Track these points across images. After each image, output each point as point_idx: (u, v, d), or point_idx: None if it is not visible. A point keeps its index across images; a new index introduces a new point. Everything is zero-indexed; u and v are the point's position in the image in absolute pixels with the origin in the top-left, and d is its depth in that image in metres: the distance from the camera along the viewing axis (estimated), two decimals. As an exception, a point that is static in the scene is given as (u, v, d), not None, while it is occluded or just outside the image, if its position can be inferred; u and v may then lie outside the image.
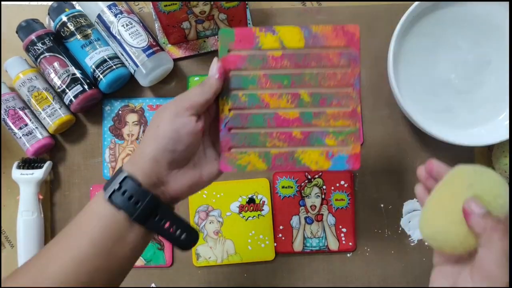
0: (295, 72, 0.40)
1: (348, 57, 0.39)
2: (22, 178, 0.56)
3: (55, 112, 0.56)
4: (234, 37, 0.39)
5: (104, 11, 0.55)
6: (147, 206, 0.36)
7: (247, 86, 0.40)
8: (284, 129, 0.40)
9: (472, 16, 0.56)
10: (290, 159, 0.40)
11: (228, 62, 0.40)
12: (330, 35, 0.39)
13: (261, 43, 0.39)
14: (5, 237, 0.59)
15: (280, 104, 0.40)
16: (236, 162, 0.40)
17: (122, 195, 0.36)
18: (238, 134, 0.40)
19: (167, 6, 0.51)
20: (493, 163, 0.60)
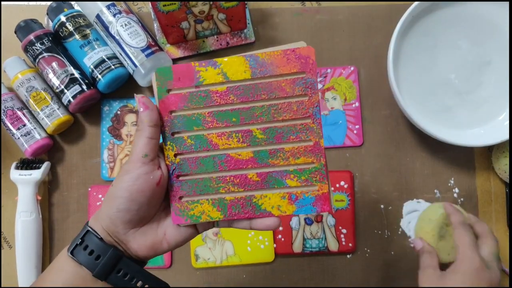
0: (244, 107, 0.35)
1: (303, 84, 0.35)
2: (20, 179, 0.56)
3: (54, 112, 0.56)
4: (172, 75, 0.35)
5: (103, 11, 0.55)
6: (108, 261, 0.34)
7: (192, 127, 0.35)
8: (237, 171, 0.36)
9: (472, 16, 0.56)
10: (248, 205, 0.36)
11: (168, 103, 0.35)
12: (280, 62, 0.35)
13: (203, 78, 0.35)
14: (3, 238, 0.58)
15: (230, 144, 0.35)
16: (188, 213, 0.36)
17: (84, 250, 0.34)
18: (187, 182, 0.36)
19: (166, 6, 0.51)
20: (493, 163, 0.59)
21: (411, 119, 0.54)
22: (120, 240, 0.35)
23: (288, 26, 0.61)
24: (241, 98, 0.35)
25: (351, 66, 0.61)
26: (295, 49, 0.35)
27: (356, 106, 0.60)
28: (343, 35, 0.61)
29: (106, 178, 0.59)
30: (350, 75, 0.61)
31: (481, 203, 0.60)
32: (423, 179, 0.60)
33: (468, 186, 0.60)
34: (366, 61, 0.61)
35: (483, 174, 0.60)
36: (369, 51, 0.61)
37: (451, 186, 0.60)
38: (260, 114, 0.35)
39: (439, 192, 0.60)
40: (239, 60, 0.35)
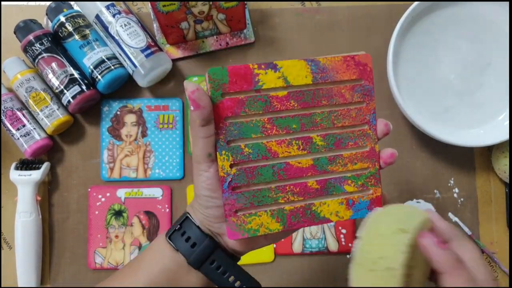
0: (305, 113, 0.34)
1: (361, 91, 0.35)
2: (20, 179, 0.56)
3: (53, 113, 0.56)
4: (227, 78, 0.33)
5: (102, 11, 0.55)
6: (203, 250, 0.35)
7: (250, 135, 0.34)
8: (297, 180, 0.35)
9: (471, 16, 0.56)
10: (308, 214, 0.35)
11: (223, 108, 0.33)
12: (340, 68, 0.34)
13: (262, 82, 0.33)
14: (3, 239, 0.58)
15: (290, 152, 0.34)
16: (245, 227, 0.34)
17: (181, 236, 0.35)
18: (244, 194, 0.34)
19: (166, 6, 0.51)
20: (492, 163, 0.59)
21: (411, 119, 0.54)
22: (216, 233, 0.36)
23: (288, 26, 0.61)
24: (302, 104, 0.34)
25: (351, 66, 0.61)
26: (354, 55, 0.35)
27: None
28: (343, 35, 0.61)
29: (106, 179, 0.59)
30: (350, 75, 0.60)
31: (481, 203, 0.60)
32: (423, 179, 0.60)
33: (468, 186, 0.60)
34: (366, 61, 0.61)
35: (483, 174, 0.60)
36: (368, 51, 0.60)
37: (451, 186, 0.60)
38: (320, 121, 0.35)
39: (439, 192, 0.60)
40: (300, 64, 0.34)
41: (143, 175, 0.59)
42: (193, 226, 0.35)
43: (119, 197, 0.58)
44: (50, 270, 0.58)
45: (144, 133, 0.59)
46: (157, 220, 0.58)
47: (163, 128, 0.59)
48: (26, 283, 0.56)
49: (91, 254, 0.58)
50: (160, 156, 0.59)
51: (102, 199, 0.58)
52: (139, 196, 0.58)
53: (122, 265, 0.58)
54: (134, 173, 0.59)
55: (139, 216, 0.58)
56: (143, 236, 0.58)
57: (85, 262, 0.58)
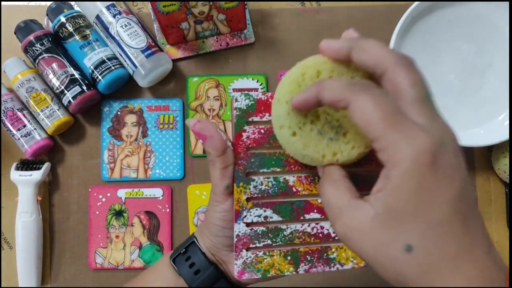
0: None
1: None
2: (20, 180, 0.56)
3: (54, 113, 0.56)
4: (255, 106, 0.31)
5: (102, 12, 0.55)
6: (207, 278, 0.33)
7: (271, 168, 0.31)
8: (316, 221, 0.32)
9: (471, 16, 0.56)
10: (323, 257, 0.32)
11: (248, 137, 0.31)
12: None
13: None
14: (3, 239, 0.58)
15: (312, 190, 0.32)
16: (255, 266, 0.32)
17: (186, 261, 0.34)
18: (258, 231, 0.32)
19: (166, 6, 0.51)
20: (492, 163, 0.59)
21: (411, 120, 0.54)
22: (222, 260, 0.35)
23: (288, 26, 0.61)
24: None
25: (351, 66, 0.61)
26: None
27: None
28: (343, 35, 0.61)
29: (107, 179, 0.59)
30: (350, 76, 0.60)
31: (481, 203, 0.60)
32: (423, 179, 0.60)
33: (468, 186, 0.60)
34: (366, 62, 0.61)
35: (483, 174, 0.60)
36: (369, 51, 0.61)
37: (451, 186, 0.60)
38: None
39: (439, 192, 0.60)
40: None
41: (144, 175, 0.59)
42: (199, 252, 0.34)
43: (120, 197, 0.58)
44: (51, 270, 0.58)
45: (144, 133, 0.59)
46: (157, 220, 0.58)
47: (163, 128, 0.59)
48: (26, 283, 0.56)
49: (92, 254, 0.58)
50: (161, 156, 0.59)
51: (103, 199, 0.58)
52: (139, 196, 0.59)
53: (123, 265, 0.58)
54: (134, 173, 0.59)
55: (140, 216, 0.58)
56: (143, 236, 0.58)
57: (85, 262, 0.58)
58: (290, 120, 0.27)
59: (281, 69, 0.60)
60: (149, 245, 0.58)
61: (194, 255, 0.34)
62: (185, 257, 0.34)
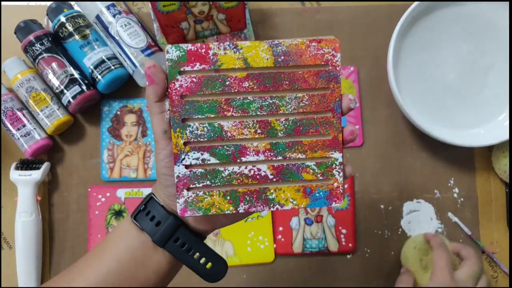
0: (264, 96, 0.33)
1: (327, 77, 0.33)
2: (20, 179, 0.56)
3: (53, 113, 0.56)
4: (186, 55, 0.32)
5: (102, 12, 0.55)
6: (167, 228, 0.35)
7: (205, 114, 0.33)
8: (252, 163, 0.34)
9: (472, 16, 0.56)
10: (262, 198, 0.34)
11: (180, 86, 0.33)
12: (305, 52, 0.33)
13: (220, 62, 0.33)
14: (3, 239, 0.58)
15: (246, 134, 0.34)
16: (197, 205, 0.34)
17: (146, 215, 0.35)
18: (197, 172, 0.34)
19: (166, 6, 0.51)
20: (493, 163, 0.59)
21: (411, 119, 0.54)
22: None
23: (288, 26, 0.61)
24: (262, 87, 0.33)
25: (351, 66, 0.61)
26: (320, 39, 0.33)
27: (356, 106, 0.60)
28: (343, 35, 0.61)
29: (106, 179, 0.59)
30: (350, 75, 0.60)
31: (481, 203, 0.60)
32: (423, 179, 0.60)
33: (468, 186, 0.60)
34: (366, 61, 0.61)
35: (483, 174, 0.60)
36: (369, 51, 0.61)
37: (451, 186, 0.60)
38: (280, 105, 0.34)
39: (439, 192, 0.60)
40: (262, 45, 0.33)
41: (143, 175, 0.59)
42: (157, 205, 0.35)
43: (119, 197, 0.58)
44: (50, 270, 0.58)
45: (144, 133, 0.59)
46: (157, 220, 0.58)
47: (163, 128, 0.59)
48: (26, 282, 0.56)
49: (91, 254, 0.58)
50: (160, 156, 0.59)
51: (102, 199, 0.58)
52: (139, 196, 0.58)
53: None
54: (134, 173, 0.59)
55: (139, 216, 0.58)
56: (143, 236, 0.58)
57: (85, 262, 0.58)
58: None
59: (281, 69, 0.60)
60: (149, 245, 0.58)
61: (153, 209, 0.35)
62: (145, 213, 0.36)
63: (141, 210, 0.36)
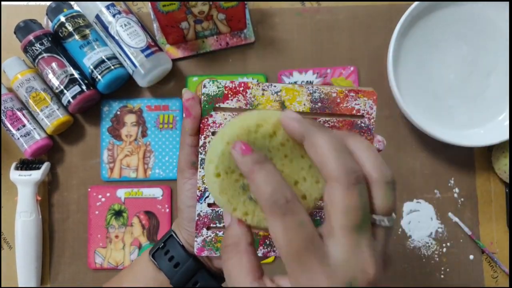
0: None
1: (361, 128, 0.33)
2: (20, 179, 0.56)
3: (53, 113, 0.56)
4: (223, 91, 0.31)
5: (102, 11, 0.55)
6: (186, 271, 0.33)
7: None
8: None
9: (472, 16, 0.56)
10: None
11: (213, 122, 0.32)
12: (342, 101, 0.32)
13: (257, 102, 0.32)
14: (3, 239, 0.58)
15: None
16: (215, 245, 0.33)
17: (165, 255, 0.34)
18: (219, 211, 0.33)
19: (166, 6, 0.51)
20: (493, 163, 0.59)
21: (411, 119, 0.54)
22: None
23: (288, 26, 0.61)
24: None
25: (351, 66, 0.61)
26: (359, 90, 0.33)
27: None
28: (343, 35, 0.61)
29: (106, 179, 0.59)
30: (350, 75, 0.60)
31: (481, 203, 0.60)
32: (423, 179, 0.60)
33: (468, 186, 0.60)
34: (366, 61, 0.61)
35: (483, 174, 0.60)
36: (369, 51, 0.61)
37: (451, 186, 0.60)
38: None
39: (439, 192, 0.60)
40: (302, 91, 0.32)
41: (143, 175, 0.59)
42: (177, 245, 0.34)
43: (119, 197, 0.58)
44: (50, 270, 0.58)
45: (144, 133, 0.59)
46: (157, 220, 0.58)
47: (163, 128, 0.59)
48: (26, 283, 0.56)
49: (91, 254, 0.58)
50: (160, 156, 0.59)
51: (102, 199, 0.58)
52: (139, 196, 0.58)
53: (122, 265, 0.58)
54: (134, 173, 0.59)
55: (139, 216, 0.58)
56: (143, 236, 0.58)
57: (85, 262, 0.58)
58: (221, 161, 0.27)
59: (281, 68, 0.60)
60: (149, 245, 0.58)
61: (172, 248, 0.34)
62: (164, 251, 0.34)
63: (160, 248, 0.34)
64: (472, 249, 0.59)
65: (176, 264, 0.34)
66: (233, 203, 0.27)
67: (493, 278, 0.59)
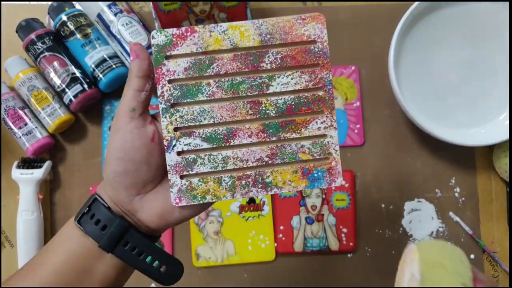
0: (253, 76, 0.32)
1: (315, 53, 0.33)
2: (21, 178, 0.56)
3: (55, 111, 0.56)
4: (171, 40, 0.32)
5: (104, 10, 0.55)
6: (115, 231, 0.31)
7: (194, 98, 0.32)
8: (246, 146, 0.33)
9: (472, 16, 0.56)
10: (259, 182, 0.33)
11: (168, 70, 0.32)
12: (291, 29, 0.32)
13: (207, 44, 0.32)
14: (5, 237, 0.58)
15: (238, 116, 0.32)
16: (191, 193, 0.32)
17: (91, 219, 0.32)
18: (189, 158, 0.32)
19: (167, 5, 0.51)
20: (493, 163, 0.59)
21: (412, 119, 0.54)
22: (127, 210, 0.33)
23: (289, 25, 0.61)
24: (250, 67, 0.32)
25: (352, 65, 0.61)
26: (305, 17, 0.32)
27: (357, 105, 0.60)
28: (344, 34, 0.61)
29: (107, 177, 0.59)
30: (351, 75, 0.61)
31: (482, 203, 0.60)
32: (424, 178, 0.60)
33: (469, 185, 0.60)
34: (367, 61, 0.61)
35: (484, 173, 0.60)
36: (370, 50, 0.61)
37: (452, 185, 0.60)
38: (270, 84, 0.32)
39: (440, 191, 0.60)
40: (248, 25, 0.32)
41: (145, 174, 0.59)
42: (102, 207, 0.32)
43: (121, 196, 0.59)
44: (52, 269, 0.58)
45: (145, 132, 0.59)
46: (158, 219, 0.58)
47: (164, 127, 0.59)
48: (27, 281, 0.56)
49: (93, 252, 0.58)
50: (162, 155, 0.59)
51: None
52: (140, 195, 0.59)
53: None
54: (135, 172, 0.59)
55: (141, 215, 0.58)
56: (144, 234, 0.58)
57: (86, 260, 0.58)
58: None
59: (282, 68, 0.60)
60: (150, 243, 0.58)
61: (98, 211, 0.32)
62: (89, 216, 0.32)
63: (85, 213, 0.32)
64: (473, 248, 0.59)
65: (103, 227, 0.32)
66: None
67: (494, 277, 0.59)
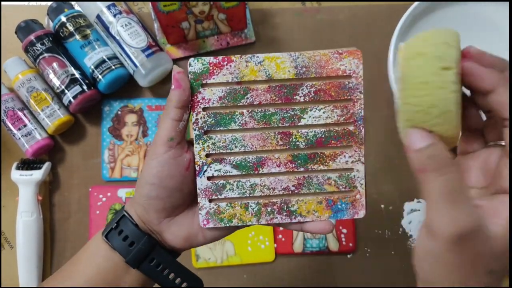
0: (285, 108, 0.33)
1: (349, 88, 0.33)
2: (21, 179, 0.56)
3: (54, 113, 0.56)
4: (208, 68, 0.33)
5: (103, 12, 0.55)
6: (141, 248, 0.33)
7: (227, 126, 0.33)
8: (275, 175, 0.34)
9: (472, 16, 0.56)
10: (284, 210, 0.34)
11: (203, 98, 0.33)
12: (327, 63, 0.33)
13: (242, 74, 0.33)
14: (4, 238, 0.58)
15: (268, 146, 0.34)
16: (219, 216, 0.34)
17: (118, 235, 0.34)
18: (219, 184, 0.34)
19: (166, 6, 0.51)
20: (494, 163, 0.59)
21: (412, 119, 0.54)
22: (154, 230, 0.34)
23: (288, 26, 0.61)
24: (283, 99, 0.33)
25: (352, 66, 0.61)
26: (343, 51, 0.33)
27: None
28: (343, 35, 0.61)
29: (107, 179, 0.59)
30: (350, 75, 0.61)
31: (481, 203, 0.60)
32: (424, 179, 0.60)
33: (468, 186, 0.60)
34: (366, 61, 0.60)
35: (483, 174, 0.60)
36: (369, 51, 0.61)
37: (451, 186, 0.60)
38: (302, 117, 0.34)
39: (440, 192, 0.60)
40: (284, 58, 0.33)
41: (144, 175, 0.59)
42: (130, 224, 0.34)
43: (120, 197, 0.59)
44: (51, 270, 0.58)
45: (145, 133, 0.59)
46: (158, 220, 0.58)
47: (164, 128, 0.59)
48: (27, 282, 0.56)
49: (92, 253, 0.58)
50: (161, 156, 0.59)
51: (103, 199, 0.58)
52: (140, 196, 0.59)
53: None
54: (135, 173, 0.59)
55: (140, 216, 0.58)
56: (144, 235, 0.58)
57: (86, 261, 0.58)
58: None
59: (282, 68, 0.60)
60: (150, 244, 0.58)
61: (126, 227, 0.34)
62: (117, 231, 0.34)
63: (113, 228, 0.34)
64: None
65: (131, 243, 0.33)
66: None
67: (494, 278, 0.59)
